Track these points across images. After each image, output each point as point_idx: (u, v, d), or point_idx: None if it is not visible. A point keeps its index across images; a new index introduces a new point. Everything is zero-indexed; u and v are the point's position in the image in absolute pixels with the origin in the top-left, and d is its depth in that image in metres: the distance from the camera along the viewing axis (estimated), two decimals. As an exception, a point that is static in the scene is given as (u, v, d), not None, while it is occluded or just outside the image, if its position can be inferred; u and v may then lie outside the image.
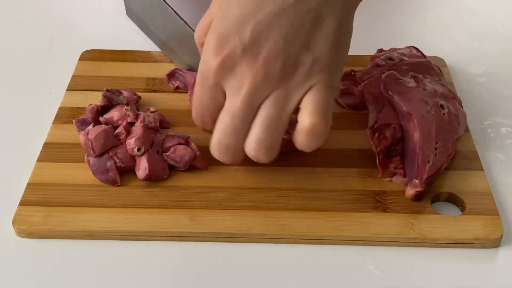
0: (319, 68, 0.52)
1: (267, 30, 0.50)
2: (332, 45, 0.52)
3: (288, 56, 0.51)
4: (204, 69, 0.53)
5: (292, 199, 0.57)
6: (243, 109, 0.52)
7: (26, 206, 0.56)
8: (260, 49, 0.51)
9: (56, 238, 0.55)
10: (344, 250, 0.55)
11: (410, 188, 0.57)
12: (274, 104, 0.52)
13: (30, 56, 0.75)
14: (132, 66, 0.72)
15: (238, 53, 0.51)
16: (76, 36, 0.78)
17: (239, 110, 0.52)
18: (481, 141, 0.65)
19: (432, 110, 0.59)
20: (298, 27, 0.51)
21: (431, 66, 0.65)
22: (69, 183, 0.58)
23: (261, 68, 0.51)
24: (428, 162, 0.57)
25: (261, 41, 0.51)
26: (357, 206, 0.57)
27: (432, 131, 0.58)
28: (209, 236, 0.55)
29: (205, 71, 0.53)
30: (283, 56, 0.51)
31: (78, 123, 0.62)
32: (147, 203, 0.57)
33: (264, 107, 0.52)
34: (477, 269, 0.54)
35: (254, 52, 0.51)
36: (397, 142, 0.58)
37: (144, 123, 0.60)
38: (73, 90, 0.68)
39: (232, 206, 0.57)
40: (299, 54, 0.51)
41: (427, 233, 0.55)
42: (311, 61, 0.52)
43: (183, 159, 0.59)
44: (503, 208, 0.58)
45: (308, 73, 0.52)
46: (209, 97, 0.53)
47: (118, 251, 0.54)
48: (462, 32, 0.80)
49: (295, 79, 0.52)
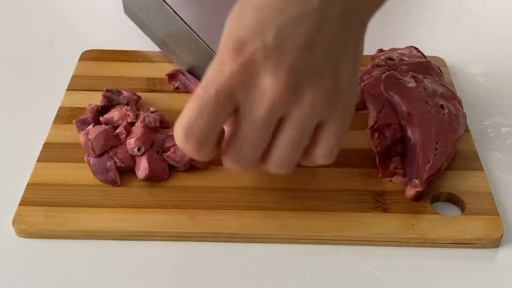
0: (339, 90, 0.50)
1: (291, 36, 0.47)
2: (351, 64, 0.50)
3: (313, 71, 0.48)
4: (215, 74, 0.48)
5: (292, 199, 0.57)
6: (266, 120, 0.48)
7: (26, 206, 0.56)
8: (284, 57, 0.47)
9: (56, 238, 0.55)
10: (344, 250, 0.55)
11: (410, 188, 0.57)
12: (298, 126, 0.49)
13: (30, 56, 0.75)
14: (132, 66, 0.72)
15: (260, 58, 0.47)
16: (76, 36, 0.78)
17: (262, 121, 0.48)
18: (481, 141, 0.65)
19: (432, 110, 0.59)
20: (321, 40, 0.48)
21: (431, 66, 0.65)
22: (69, 183, 0.58)
23: (287, 76, 0.47)
24: (428, 162, 0.57)
25: (285, 48, 0.47)
26: (357, 206, 0.57)
27: (432, 131, 0.58)
28: (209, 236, 0.55)
29: (217, 75, 0.48)
30: (308, 69, 0.48)
31: (78, 124, 0.62)
32: (147, 203, 0.57)
33: (288, 128, 0.49)
34: (477, 269, 0.54)
35: (278, 59, 0.47)
36: (397, 142, 0.58)
37: (144, 123, 0.60)
38: (73, 90, 0.68)
39: (232, 206, 0.57)
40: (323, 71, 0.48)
41: (427, 233, 0.55)
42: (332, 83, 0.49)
43: (183, 159, 0.59)
44: (503, 208, 0.58)
45: (330, 95, 0.49)
46: (214, 104, 0.48)
47: (118, 251, 0.54)
48: (462, 32, 0.80)
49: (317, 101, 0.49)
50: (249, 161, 0.51)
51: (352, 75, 0.51)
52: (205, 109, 0.48)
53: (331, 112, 0.50)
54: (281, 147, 0.50)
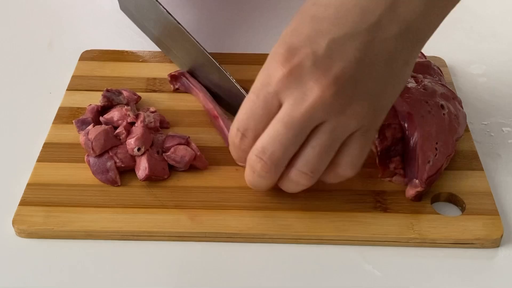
0: (376, 110, 0.51)
1: (342, 48, 0.49)
2: (393, 87, 0.52)
3: (357, 84, 0.49)
4: (265, 78, 0.50)
5: (292, 199, 0.57)
6: (302, 122, 0.49)
7: (26, 206, 0.56)
8: (331, 66, 0.48)
9: (56, 238, 0.55)
10: (344, 250, 0.55)
11: (410, 188, 0.57)
12: (331, 132, 0.50)
13: (30, 56, 0.75)
14: (132, 66, 0.72)
15: (309, 64, 0.49)
16: (76, 36, 0.78)
17: (297, 122, 0.49)
18: (481, 141, 0.65)
19: (432, 110, 0.59)
20: (371, 56, 0.49)
21: (431, 66, 0.65)
22: (69, 183, 0.58)
23: (331, 86, 0.48)
24: (428, 162, 0.57)
25: (334, 58, 0.48)
26: (357, 206, 0.57)
27: (432, 131, 0.58)
28: (209, 236, 0.55)
29: (267, 79, 0.50)
30: (353, 82, 0.49)
31: (78, 124, 0.62)
32: (147, 203, 0.57)
33: (321, 133, 0.50)
34: (477, 269, 0.54)
35: (325, 68, 0.48)
36: (397, 142, 0.58)
37: (144, 123, 0.60)
38: (73, 90, 0.68)
39: (232, 206, 0.57)
40: (366, 88, 0.50)
41: (427, 233, 0.55)
42: (372, 101, 0.50)
43: (184, 159, 0.59)
44: (503, 208, 0.58)
45: (367, 113, 0.50)
46: (262, 106, 0.50)
47: (118, 251, 0.54)
48: (462, 32, 0.80)
49: (355, 114, 0.50)
50: (274, 160, 0.51)
51: (391, 96, 0.52)
52: (256, 112, 0.51)
53: (362, 127, 0.51)
54: (310, 152, 0.51)
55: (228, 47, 0.75)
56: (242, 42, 0.76)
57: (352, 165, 0.52)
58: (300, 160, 0.51)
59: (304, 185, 0.53)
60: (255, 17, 0.81)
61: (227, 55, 0.73)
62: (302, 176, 0.52)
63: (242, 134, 0.52)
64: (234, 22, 0.81)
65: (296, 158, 0.51)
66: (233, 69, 0.70)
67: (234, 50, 0.74)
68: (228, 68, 0.64)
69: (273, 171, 0.52)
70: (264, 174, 0.52)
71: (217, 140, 0.63)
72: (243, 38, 0.78)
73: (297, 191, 0.54)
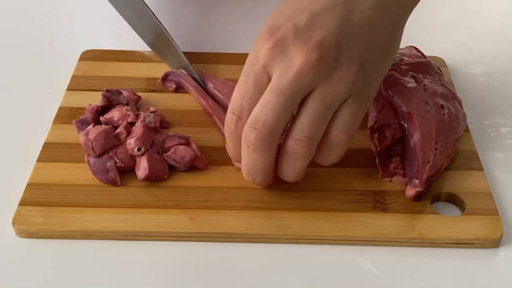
0: (365, 77, 0.52)
1: (322, 19, 0.51)
2: (381, 56, 0.53)
3: (341, 49, 0.51)
4: (252, 58, 0.52)
5: (292, 199, 0.57)
6: (291, 88, 0.51)
7: (26, 206, 0.56)
8: (313, 34, 0.51)
9: (56, 238, 0.55)
10: (344, 250, 0.55)
11: (410, 188, 0.57)
12: (321, 98, 0.51)
13: (30, 56, 0.75)
14: (132, 66, 0.72)
15: (291, 35, 0.51)
16: (76, 36, 0.78)
17: (286, 89, 0.51)
18: (481, 141, 0.65)
19: (432, 110, 0.59)
20: (351, 24, 0.52)
21: (431, 66, 0.65)
22: (69, 183, 0.58)
23: (314, 50, 0.51)
24: (428, 162, 0.57)
25: (315, 28, 0.51)
26: (357, 206, 0.57)
27: (432, 131, 0.58)
28: (209, 236, 0.55)
29: (254, 57, 0.52)
30: (336, 47, 0.51)
31: (78, 123, 0.62)
32: (147, 203, 0.57)
33: (311, 100, 0.51)
34: (477, 269, 0.54)
35: (307, 36, 0.51)
36: (397, 142, 0.58)
37: (145, 123, 0.60)
38: (73, 90, 0.68)
39: (232, 206, 0.57)
40: (351, 53, 0.52)
41: (427, 233, 0.55)
42: (359, 66, 0.52)
43: (184, 159, 0.59)
44: (503, 208, 0.58)
45: (355, 78, 0.52)
46: (253, 84, 0.52)
47: (118, 251, 0.54)
48: (462, 32, 0.80)
49: (343, 79, 0.51)
50: (268, 127, 0.51)
51: (379, 65, 0.54)
52: (248, 91, 0.52)
53: (353, 95, 0.52)
54: (303, 119, 0.51)
55: (227, 47, 0.75)
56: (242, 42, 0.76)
57: (345, 131, 0.53)
58: (295, 128, 0.52)
59: (302, 156, 0.52)
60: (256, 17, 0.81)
61: (226, 55, 0.73)
62: (298, 143, 0.52)
63: (237, 117, 0.53)
64: (234, 22, 0.81)
65: (290, 127, 0.52)
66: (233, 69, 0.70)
67: (234, 50, 0.74)
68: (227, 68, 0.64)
69: (267, 140, 0.52)
70: (259, 144, 0.52)
71: (217, 140, 0.63)
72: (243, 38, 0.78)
73: (297, 174, 0.54)
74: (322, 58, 0.51)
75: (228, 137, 0.54)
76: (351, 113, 0.53)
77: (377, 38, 0.53)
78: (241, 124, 0.53)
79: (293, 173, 0.54)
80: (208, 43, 0.77)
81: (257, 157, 0.53)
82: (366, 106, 0.54)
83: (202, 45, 0.76)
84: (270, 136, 0.51)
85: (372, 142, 0.58)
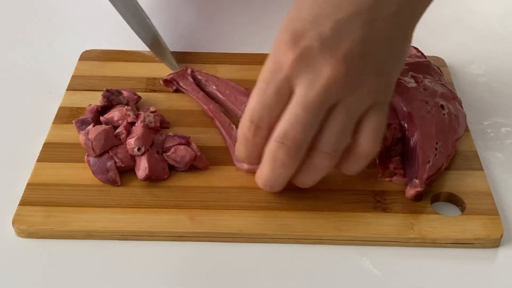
0: (387, 85, 0.53)
1: (347, 28, 0.50)
2: (397, 61, 0.53)
3: (366, 60, 0.51)
4: (274, 65, 0.51)
5: (292, 199, 0.57)
6: (318, 102, 0.50)
7: (26, 206, 0.56)
8: (339, 45, 0.50)
9: (56, 238, 0.55)
10: (344, 250, 0.55)
11: (410, 188, 0.57)
12: (347, 110, 0.51)
13: (30, 56, 0.75)
14: (132, 66, 0.72)
15: (316, 47, 0.50)
16: (76, 36, 0.78)
17: (313, 102, 0.50)
18: (481, 141, 0.65)
19: (433, 110, 0.59)
20: (375, 33, 0.51)
21: (431, 66, 0.65)
22: (69, 183, 0.58)
23: (341, 63, 0.50)
24: (428, 162, 0.57)
25: (341, 39, 0.50)
26: (357, 206, 0.57)
27: (432, 131, 0.58)
28: (209, 236, 0.55)
29: (277, 65, 0.51)
30: (362, 58, 0.50)
31: (78, 124, 0.61)
32: (147, 203, 0.57)
33: (337, 112, 0.51)
34: (477, 269, 0.54)
35: (333, 48, 0.50)
36: (397, 142, 0.58)
37: (145, 123, 0.60)
38: (73, 90, 0.68)
39: (232, 206, 0.57)
40: (375, 63, 0.51)
41: (427, 233, 0.55)
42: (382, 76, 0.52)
43: (184, 159, 0.59)
44: (503, 208, 0.58)
45: (379, 87, 0.52)
46: (275, 94, 0.51)
47: (118, 251, 0.54)
48: (462, 32, 0.80)
49: (368, 90, 0.51)
50: (297, 143, 0.51)
51: (396, 70, 0.54)
52: (268, 101, 0.51)
53: (375, 103, 0.52)
54: (329, 132, 0.51)
55: (228, 47, 0.75)
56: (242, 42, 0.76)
57: (372, 141, 0.53)
58: (321, 141, 0.52)
59: (326, 167, 0.53)
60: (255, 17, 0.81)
61: (227, 55, 0.73)
62: (324, 157, 0.52)
63: (256, 126, 0.52)
64: (234, 22, 0.81)
65: (316, 141, 0.52)
66: (233, 69, 0.70)
67: (234, 50, 0.74)
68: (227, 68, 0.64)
69: (296, 156, 0.52)
70: (287, 160, 0.52)
71: (217, 140, 0.63)
72: (243, 38, 0.78)
73: (312, 183, 0.54)
74: (349, 71, 0.50)
75: (243, 144, 0.54)
76: (377, 121, 0.53)
77: (396, 44, 0.53)
78: (260, 134, 0.52)
79: (312, 182, 0.55)
80: (208, 43, 0.77)
81: (282, 171, 0.53)
82: (387, 112, 0.54)
83: (202, 45, 0.76)
84: (298, 152, 0.52)
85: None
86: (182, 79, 0.68)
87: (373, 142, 0.53)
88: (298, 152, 0.52)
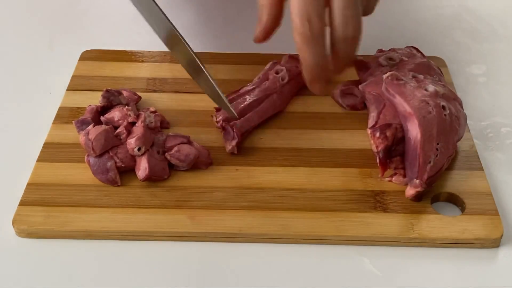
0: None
1: None
2: None
3: None
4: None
5: (292, 199, 0.57)
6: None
7: (26, 206, 0.56)
8: None
9: (56, 238, 0.55)
10: (344, 250, 0.55)
11: (410, 188, 0.57)
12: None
13: (30, 56, 0.75)
14: (132, 66, 0.72)
15: None
16: (76, 36, 0.78)
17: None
18: (481, 141, 0.65)
19: (434, 111, 0.59)
20: None
21: (431, 66, 0.65)
22: (69, 183, 0.58)
23: None
24: (429, 163, 0.57)
25: None
26: (357, 206, 0.57)
27: (433, 132, 0.58)
28: (209, 236, 0.55)
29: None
30: None
31: (78, 124, 0.61)
32: (147, 203, 0.57)
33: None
34: (477, 269, 0.54)
35: None
36: (398, 142, 0.58)
37: (145, 123, 0.60)
38: (73, 90, 0.68)
39: (232, 206, 0.57)
40: None
41: (427, 233, 0.55)
42: None
43: (188, 157, 0.59)
44: (503, 208, 0.58)
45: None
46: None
47: (118, 251, 0.54)
48: (462, 32, 0.80)
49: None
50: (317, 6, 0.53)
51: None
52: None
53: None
54: None
55: (227, 46, 0.75)
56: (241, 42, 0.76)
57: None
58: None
59: (353, 27, 0.54)
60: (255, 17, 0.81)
61: (226, 55, 0.73)
62: (346, 20, 0.54)
63: (308, 21, 0.53)
64: (234, 22, 0.81)
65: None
66: (233, 69, 0.70)
67: (234, 50, 0.74)
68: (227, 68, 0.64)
69: (317, 17, 0.53)
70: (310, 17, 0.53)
71: (217, 140, 0.63)
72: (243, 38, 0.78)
73: (355, 45, 0.55)
74: None
75: (306, 47, 0.54)
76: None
77: None
78: (315, 25, 0.53)
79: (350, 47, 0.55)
80: (208, 43, 0.77)
81: (315, 44, 0.54)
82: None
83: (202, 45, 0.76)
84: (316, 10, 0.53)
85: (372, 142, 0.58)
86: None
87: None
88: (318, 9, 0.53)
